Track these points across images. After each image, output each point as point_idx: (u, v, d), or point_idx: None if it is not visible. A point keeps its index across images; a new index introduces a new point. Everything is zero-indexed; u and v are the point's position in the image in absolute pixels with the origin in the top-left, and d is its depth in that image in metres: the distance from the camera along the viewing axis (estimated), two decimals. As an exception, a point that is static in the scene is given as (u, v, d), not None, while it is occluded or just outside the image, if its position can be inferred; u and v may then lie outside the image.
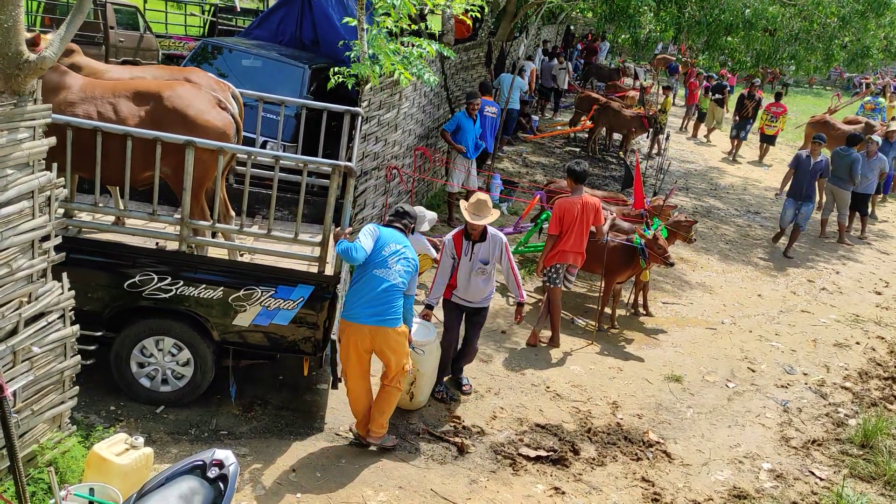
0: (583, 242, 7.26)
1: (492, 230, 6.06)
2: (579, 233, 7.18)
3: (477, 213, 5.89)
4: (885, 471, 5.89)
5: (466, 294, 6.11)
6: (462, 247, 6.02)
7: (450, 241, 6.03)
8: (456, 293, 6.14)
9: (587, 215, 7.16)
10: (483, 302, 6.23)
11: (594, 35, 27.47)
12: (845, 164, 11.81)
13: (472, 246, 6.00)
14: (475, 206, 5.89)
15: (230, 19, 16.29)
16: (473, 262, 5.98)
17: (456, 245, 6.01)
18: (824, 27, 14.07)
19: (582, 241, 7.25)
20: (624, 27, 14.87)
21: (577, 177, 7.15)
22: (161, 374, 5.37)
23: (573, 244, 7.22)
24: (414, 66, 7.42)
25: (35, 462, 4.28)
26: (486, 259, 6.00)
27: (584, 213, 7.14)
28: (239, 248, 5.47)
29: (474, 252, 6.00)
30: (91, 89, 5.16)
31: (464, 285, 6.06)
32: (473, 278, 6.01)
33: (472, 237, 5.98)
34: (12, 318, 3.96)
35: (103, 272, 5.10)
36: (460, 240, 6.02)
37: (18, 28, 3.77)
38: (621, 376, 7.02)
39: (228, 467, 3.40)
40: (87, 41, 12.38)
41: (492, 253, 6.03)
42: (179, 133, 5.01)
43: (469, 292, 6.10)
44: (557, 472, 5.44)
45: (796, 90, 33.96)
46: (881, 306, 9.77)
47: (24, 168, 3.93)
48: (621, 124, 15.82)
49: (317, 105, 6.76)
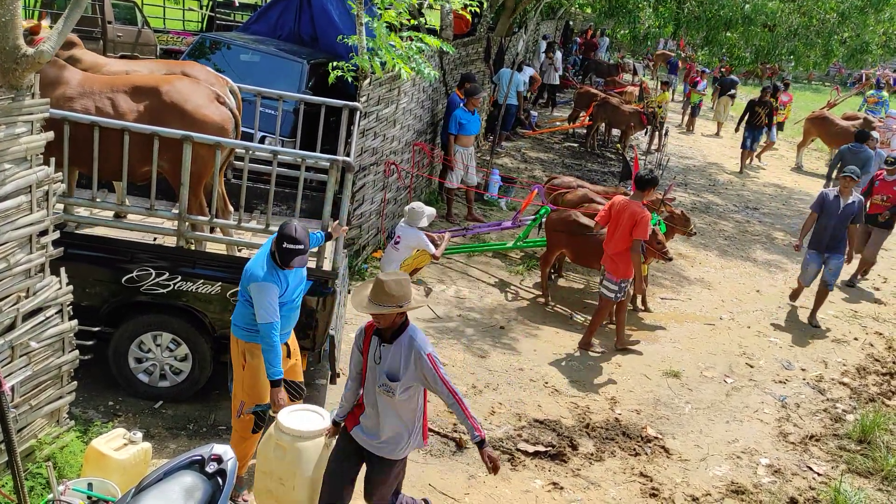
0: (614, 245, 6.94)
1: (416, 334, 3.84)
2: (612, 235, 6.97)
3: (376, 300, 3.71)
4: (883, 466, 5.90)
5: (367, 422, 3.98)
6: (370, 343, 3.93)
7: (361, 330, 4.02)
8: (362, 419, 4.02)
9: (625, 222, 6.82)
10: (381, 448, 3.95)
11: (594, 30, 27.41)
12: (859, 162, 11.78)
13: (378, 347, 3.88)
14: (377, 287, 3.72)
15: (228, 14, 16.22)
16: (378, 374, 3.87)
17: (365, 337, 3.97)
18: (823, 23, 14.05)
19: (613, 243, 6.95)
20: (623, 22, 14.86)
21: (640, 184, 6.93)
22: (159, 369, 5.37)
23: (612, 247, 6.98)
24: (413, 61, 7.41)
25: (33, 457, 4.28)
26: (392, 373, 3.81)
27: (622, 217, 6.86)
28: (237, 243, 5.46)
29: (381, 357, 3.87)
30: (90, 84, 5.15)
31: (368, 406, 3.98)
32: (379, 399, 3.89)
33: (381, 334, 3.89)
34: (10, 312, 3.96)
35: (101, 267, 5.09)
36: (371, 331, 3.95)
37: (16, 22, 3.76)
38: (619, 372, 7.02)
39: (227, 462, 3.39)
40: (85, 36, 12.32)
41: (402, 366, 3.79)
42: (178, 128, 5.00)
43: (368, 420, 3.97)
44: (556, 468, 5.45)
45: (795, 86, 33.85)
46: (879, 302, 9.79)
47: (22, 163, 3.93)
48: (620, 120, 15.81)
49: (315, 100, 6.74)
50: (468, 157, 10.18)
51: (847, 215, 8.35)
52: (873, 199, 9.86)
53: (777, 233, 12.22)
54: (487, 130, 13.99)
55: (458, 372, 6.53)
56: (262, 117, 6.90)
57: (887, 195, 9.77)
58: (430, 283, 8.22)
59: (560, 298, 8.45)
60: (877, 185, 9.95)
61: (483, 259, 9.19)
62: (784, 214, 13.31)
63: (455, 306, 7.85)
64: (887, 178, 9.84)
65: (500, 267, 9.08)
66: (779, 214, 13.37)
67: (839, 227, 8.39)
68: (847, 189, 8.35)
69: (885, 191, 9.81)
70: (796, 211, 13.60)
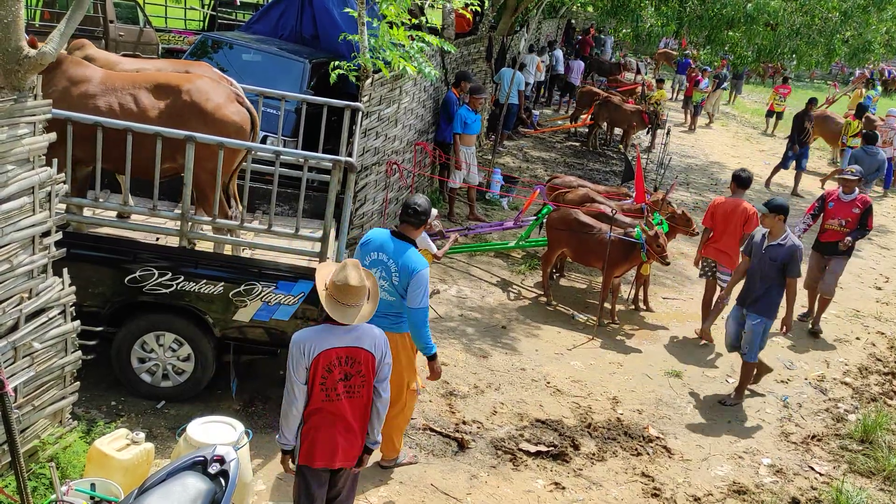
0: (731, 245, 7.51)
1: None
2: (730, 234, 7.50)
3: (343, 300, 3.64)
4: (885, 466, 5.90)
5: None
6: None
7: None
8: None
9: (738, 219, 7.42)
10: None
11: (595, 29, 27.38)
12: (875, 164, 11.75)
13: None
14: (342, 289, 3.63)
15: (230, 13, 16.23)
16: None
17: None
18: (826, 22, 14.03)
19: (730, 243, 7.52)
20: (625, 21, 14.84)
21: (739, 182, 7.56)
22: (162, 369, 5.37)
23: (722, 244, 7.57)
24: (415, 60, 7.41)
25: (36, 457, 4.29)
26: None
27: (734, 216, 7.44)
28: (240, 243, 5.47)
29: None
30: (112, 82, 5.20)
31: None
32: None
33: None
34: (13, 314, 3.96)
35: (104, 267, 5.10)
36: None
37: (18, 24, 3.76)
38: (621, 371, 7.02)
39: (230, 463, 3.39)
40: (87, 35, 12.33)
41: None
42: (198, 127, 5.02)
43: None
44: (557, 468, 5.45)
45: (797, 84, 33.84)
46: (881, 301, 9.78)
47: (25, 164, 3.93)
48: (621, 119, 15.80)
49: (317, 100, 6.75)
50: (470, 157, 10.19)
51: (771, 261, 6.30)
52: (828, 224, 8.19)
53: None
54: (489, 129, 13.99)
55: (459, 372, 6.54)
56: (264, 117, 6.90)
57: (845, 218, 8.05)
58: (432, 282, 8.21)
59: (562, 298, 8.45)
60: (830, 206, 8.14)
61: (485, 258, 9.19)
62: (786, 213, 13.27)
63: (456, 306, 7.85)
64: (843, 199, 8.09)
65: (502, 266, 9.08)
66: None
67: (763, 277, 6.39)
68: (775, 229, 6.36)
69: (842, 213, 8.05)
70: (798, 210, 13.56)
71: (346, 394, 3.72)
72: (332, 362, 3.67)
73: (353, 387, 3.74)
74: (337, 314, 3.65)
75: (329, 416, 3.74)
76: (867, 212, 8.02)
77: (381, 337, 3.82)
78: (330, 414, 3.73)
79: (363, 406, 3.81)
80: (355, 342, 3.71)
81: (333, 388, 3.69)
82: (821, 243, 8.34)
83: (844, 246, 8.03)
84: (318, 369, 3.66)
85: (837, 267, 8.28)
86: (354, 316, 3.68)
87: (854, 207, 8.03)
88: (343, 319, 3.66)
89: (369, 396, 3.81)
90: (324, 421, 3.74)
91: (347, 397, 3.73)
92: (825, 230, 8.25)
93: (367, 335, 3.77)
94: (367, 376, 3.76)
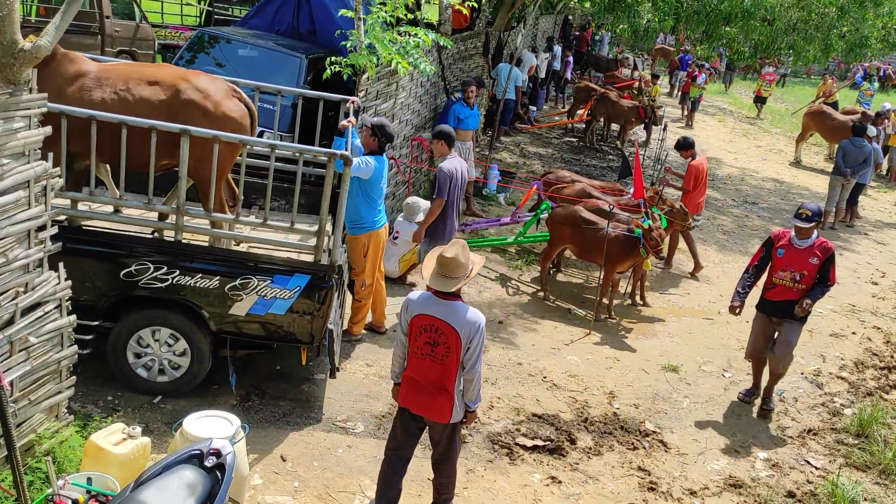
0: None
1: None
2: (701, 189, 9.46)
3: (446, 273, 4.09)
4: (881, 460, 5.92)
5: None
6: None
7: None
8: None
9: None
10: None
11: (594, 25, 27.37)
12: (861, 156, 11.75)
13: None
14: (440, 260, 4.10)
15: (226, 9, 16.19)
16: None
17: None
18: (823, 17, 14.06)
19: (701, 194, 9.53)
20: (623, 17, 14.84)
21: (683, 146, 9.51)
22: (158, 364, 5.37)
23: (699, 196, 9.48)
24: (411, 56, 7.39)
25: (32, 451, 4.29)
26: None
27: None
28: (235, 237, 5.46)
29: None
30: (107, 76, 5.18)
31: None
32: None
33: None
34: (9, 308, 3.96)
35: (99, 261, 5.10)
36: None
37: (13, 17, 3.75)
38: (618, 366, 7.03)
39: (226, 456, 3.40)
40: (83, 31, 12.33)
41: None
42: (197, 123, 5.00)
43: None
44: (554, 462, 5.46)
45: (794, 80, 33.89)
46: (877, 296, 9.80)
47: (20, 157, 3.93)
48: (618, 115, 15.80)
49: (313, 95, 6.74)
50: (466, 152, 10.17)
51: None
52: (777, 278, 6.22)
53: (776, 228, 12.21)
54: (486, 125, 13.98)
55: (456, 366, 6.54)
56: (261, 112, 6.86)
57: (800, 272, 6.11)
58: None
59: (559, 293, 8.46)
60: (780, 254, 6.21)
61: (482, 254, 9.18)
62: (783, 209, 13.31)
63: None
64: (797, 244, 6.15)
65: (498, 262, 9.08)
66: (777, 209, 13.38)
67: None
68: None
69: (796, 264, 6.12)
70: (795, 205, 13.58)
71: (430, 357, 4.16)
72: (423, 326, 4.14)
73: (437, 354, 4.15)
74: (433, 281, 4.11)
75: (418, 370, 4.22)
76: (828, 262, 6.10)
77: (474, 323, 4.10)
78: (419, 368, 4.21)
79: (447, 372, 4.16)
80: (445, 316, 4.10)
81: (421, 348, 4.17)
82: (767, 302, 6.36)
83: (802, 311, 6.12)
84: (412, 329, 4.19)
85: (791, 335, 6.25)
86: (449, 287, 4.08)
87: (811, 257, 6.10)
88: (434, 285, 4.11)
89: (455, 365, 4.15)
90: (415, 372, 4.24)
91: (432, 360, 4.16)
92: (774, 285, 6.27)
93: (460, 314, 4.10)
94: (451, 348, 4.10)
